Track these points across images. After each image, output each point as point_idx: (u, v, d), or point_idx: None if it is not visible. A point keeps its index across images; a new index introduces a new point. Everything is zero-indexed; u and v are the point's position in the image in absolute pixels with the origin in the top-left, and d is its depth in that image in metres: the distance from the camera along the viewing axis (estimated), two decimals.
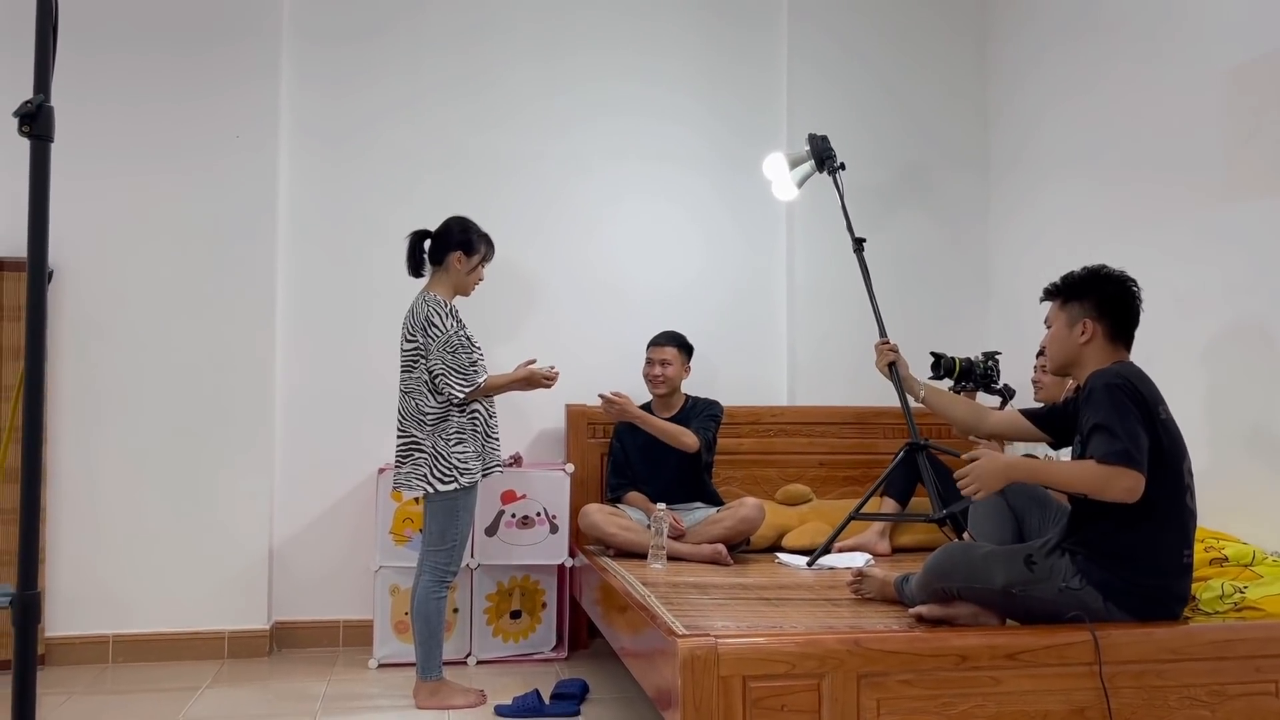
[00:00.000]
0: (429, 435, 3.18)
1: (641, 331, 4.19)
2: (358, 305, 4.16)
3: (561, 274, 4.34)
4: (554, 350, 4.13)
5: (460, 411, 3.20)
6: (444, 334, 3.14)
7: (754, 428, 4.32)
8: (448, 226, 3.31)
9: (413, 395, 3.22)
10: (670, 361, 3.92)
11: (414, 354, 3.21)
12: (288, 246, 4.15)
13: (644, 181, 4.42)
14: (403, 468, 3.22)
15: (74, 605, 3.85)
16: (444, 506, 3.20)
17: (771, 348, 4.51)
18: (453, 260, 3.26)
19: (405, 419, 3.23)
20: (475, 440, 3.23)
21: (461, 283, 3.31)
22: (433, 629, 3.21)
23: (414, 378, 3.20)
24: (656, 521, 3.52)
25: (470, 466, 3.19)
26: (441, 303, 3.18)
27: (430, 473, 3.18)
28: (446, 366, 3.14)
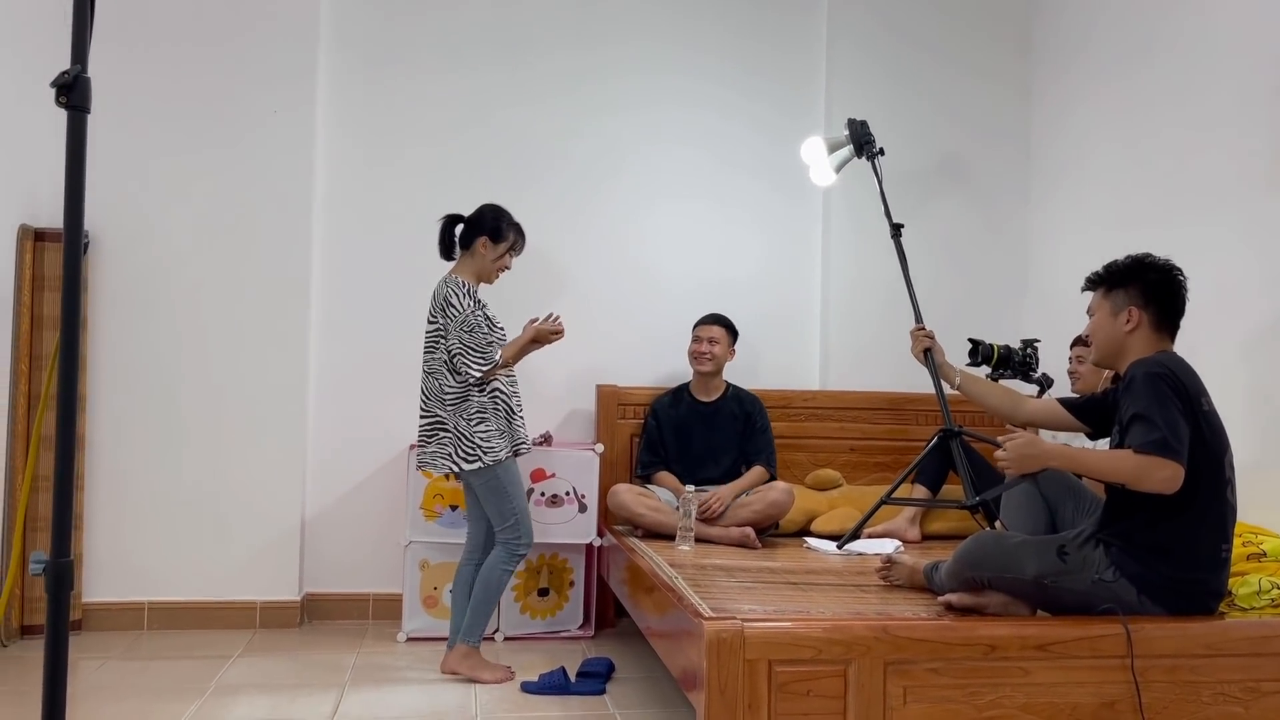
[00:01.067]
0: (451, 415, 3.20)
1: (675, 316, 4.23)
2: (392, 283, 4.16)
3: (595, 257, 4.34)
4: (587, 334, 4.21)
5: (480, 391, 3.20)
6: (461, 314, 3.16)
7: (785, 411, 4.30)
8: (481, 213, 3.33)
9: (435, 375, 3.24)
10: (718, 340, 3.94)
11: (435, 335, 3.24)
12: (323, 223, 4.16)
13: (680, 166, 4.41)
14: (427, 446, 3.24)
15: (110, 572, 3.90)
16: (488, 487, 3.21)
17: (805, 332, 4.50)
18: (479, 245, 3.28)
19: (429, 398, 3.25)
20: (498, 419, 3.22)
21: (484, 268, 3.32)
22: (490, 597, 3.21)
23: (435, 358, 3.22)
24: (685, 503, 3.51)
25: (494, 445, 3.19)
26: (461, 284, 3.20)
27: (455, 452, 3.19)
28: (464, 346, 3.16)
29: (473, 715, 2.97)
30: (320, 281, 4.16)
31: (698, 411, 4.03)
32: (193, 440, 3.99)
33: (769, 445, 3.99)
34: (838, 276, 4.49)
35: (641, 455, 4.02)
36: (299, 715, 2.95)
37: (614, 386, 4.24)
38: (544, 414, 4.21)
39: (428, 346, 3.25)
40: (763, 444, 3.97)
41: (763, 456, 3.95)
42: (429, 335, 3.25)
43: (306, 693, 3.16)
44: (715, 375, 4.00)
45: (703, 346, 3.94)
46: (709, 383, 4.02)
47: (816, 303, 4.51)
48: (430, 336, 3.25)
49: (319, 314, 4.16)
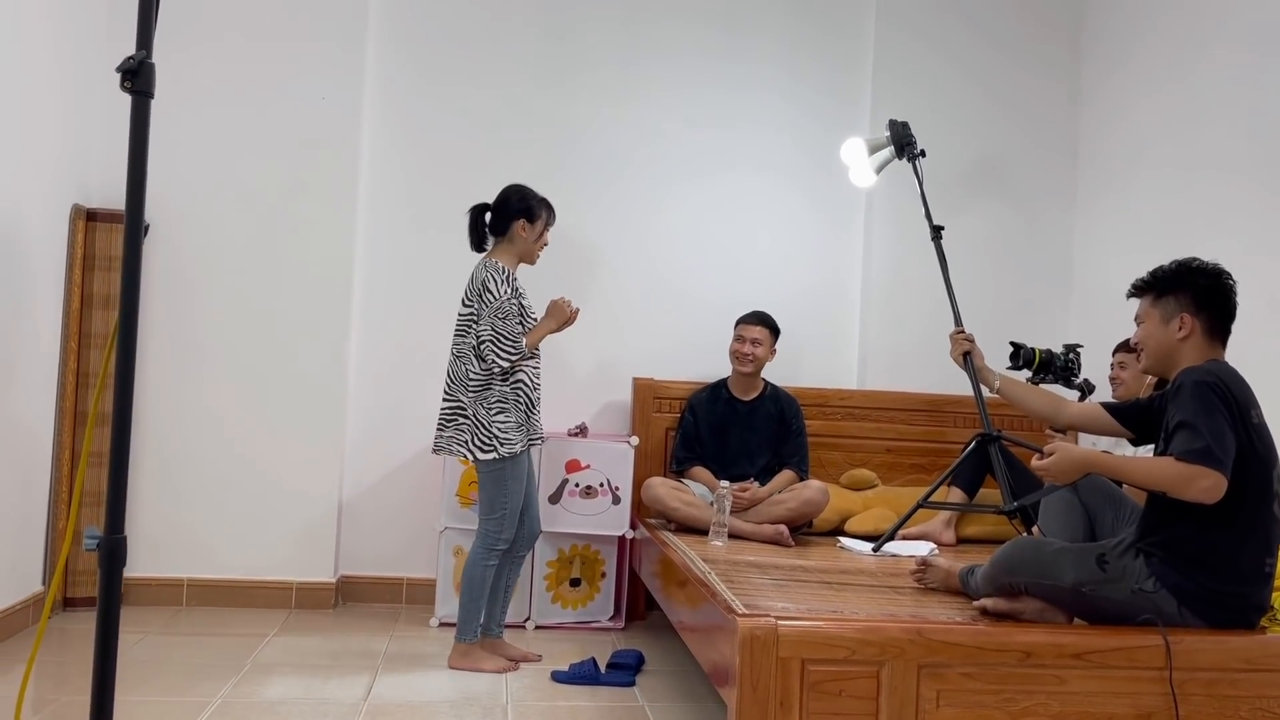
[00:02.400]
0: (472, 402, 3.17)
1: (713, 311, 4.21)
2: (432, 269, 4.15)
3: (628, 247, 4.33)
4: (624, 325, 4.27)
5: (503, 380, 3.18)
6: (496, 300, 3.13)
7: (821, 410, 4.29)
8: (505, 196, 3.30)
9: (462, 359, 3.22)
10: (760, 341, 3.92)
11: (468, 319, 3.21)
12: (367, 210, 4.18)
13: (719, 160, 4.39)
14: (445, 431, 3.22)
15: (153, 547, 3.94)
16: (491, 476, 3.20)
17: (843, 331, 4.48)
18: (516, 229, 3.26)
19: (453, 382, 3.23)
20: (518, 411, 3.20)
21: (527, 250, 3.29)
22: (475, 594, 3.20)
23: (465, 342, 3.21)
24: (719, 499, 3.51)
25: (511, 437, 3.17)
26: (500, 269, 3.18)
27: (471, 440, 3.17)
28: (495, 333, 3.13)
29: (503, 703, 2.98)
30: (362, 268, 4.18)
31: (735, 410, 4.01)
32: (234, 421, 4.01)
33: (803, 449, 3.97)
34: (878, 277, 4.46)
35: (677, 450, 4.01)
36: (332, 696, 2.96)
37: (651, 380, 4.23)
38: (579, 405, 4.22)
39: (459, 330, 3.25)
40: (796, 447, 3.96)
41: (795, 460, 3.94)
42: (461, 319, 3.24)
43: (339, 674, 3.18)
44: (755, 375, 3.99)
45: (745, 347, 3.92)
46: (748, 382, 4.00)
47: (856, 302, 4.49)
48: (462, 320, 3.24)
49: (360, 300, 4.18)
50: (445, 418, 3.23)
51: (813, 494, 3.68)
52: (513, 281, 3.25)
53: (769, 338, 3.97)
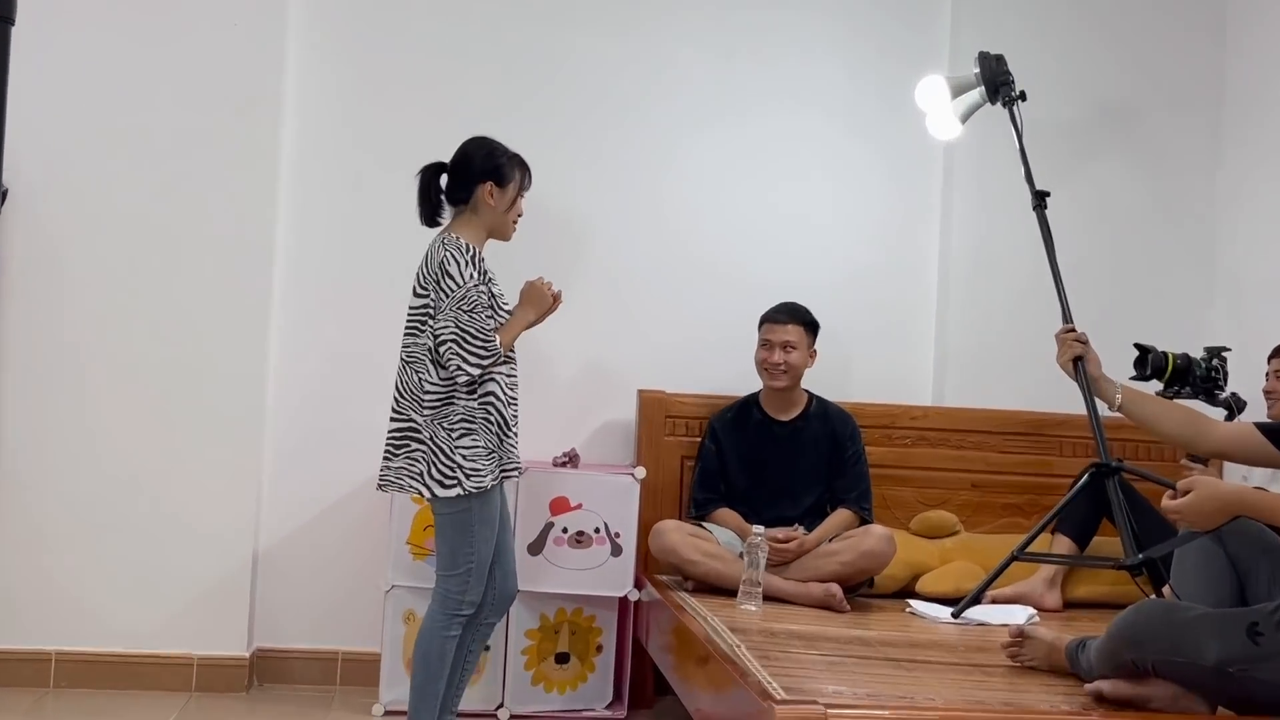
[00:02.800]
0: (428, 422, 3.17)
1: (743, 304, 4.17)
2: (377, 248, 4.17)
3: (631, 216, 4.36)
4: (617, 320, 4.29)
5: (469, 393, 3.18)
6: (460, 286, 3.13)
7: (886, 434, 4.29)
8: (467, 153, 3.30)
9: (414, 366, 3.21)
10: (795, 344, 3.93)
11: (421, 312, 3.20)
12: (293, 172, 4.17)
13: (749, 103, 4.40)
14: (393, 460, 3.21)
15: (9, 611, 3.93)
16: (453, 520, 3.20)
17: (914, 330, 4.53)
18: (482, 196, 3.26)
19: (402, 395, 3.23)
20: (488, 433, 3.20)
21: (498, 222, 3.32)
22: (432, 673, 3.22)
23: (418, 344, 3.20)
24: (752, 550, 3.53)
25: (480, 467, 3.16)
26: (464, 248, 3.19)
27: (428, 471, 3.15)
28: (460, 331, 3.12)
29: None
30: (286, 246, 4.18)
31: (771, 433, 4.02)
32: (118, 446, 4.02)
33: (862, 481, 3.97)
34: (960, 257, 4.46)
35: (696, 490, 4.03)
36: None
37: (661, 393, 4.23)
38: (568, 425, 4.21)
39: (410, 328, 3.23)
40: (854, 480, 3.96)
41: (853, 497, 3.94)
42: (413, 312, 3.22)
43: None
44: (793, 388, 4.00)
45: (774, 355, 3.92)
46: (785, 396, 4.01)
47: (931, 291, 4.52)
48: (414, 315, 3.22)
49: (283, 292, 4.19)
50: (394, 443, 3.23)
51: (875, 543, 3.69)
52: (480, 263, 3.28)
53: (805, 337, 3.96)
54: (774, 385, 3.96)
